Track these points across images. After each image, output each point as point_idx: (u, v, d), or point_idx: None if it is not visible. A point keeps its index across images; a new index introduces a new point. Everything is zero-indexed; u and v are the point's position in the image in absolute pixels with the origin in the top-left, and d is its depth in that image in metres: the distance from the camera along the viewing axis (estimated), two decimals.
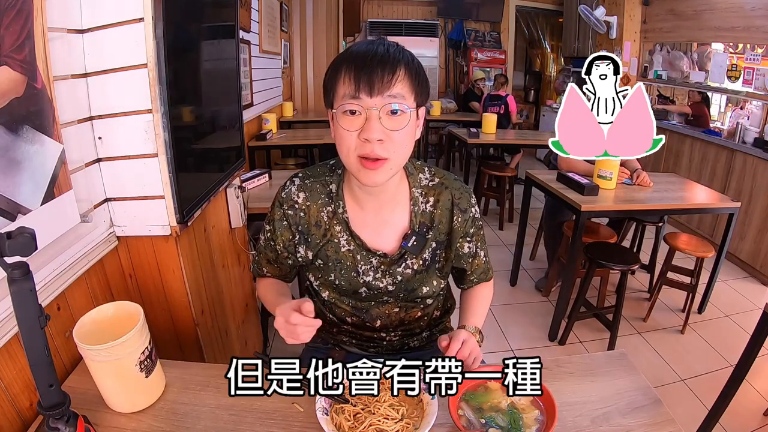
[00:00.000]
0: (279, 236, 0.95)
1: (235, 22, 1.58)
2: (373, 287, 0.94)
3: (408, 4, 6.14)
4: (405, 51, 0.79)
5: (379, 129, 0.74)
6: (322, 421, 0.74)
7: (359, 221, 0.91)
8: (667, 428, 0.76)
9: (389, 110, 0.75)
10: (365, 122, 0.75)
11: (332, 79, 0.78)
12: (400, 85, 0.75)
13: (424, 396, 0.80)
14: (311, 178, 0.93)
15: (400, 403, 0.78)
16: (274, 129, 3.63)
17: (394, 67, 0.74)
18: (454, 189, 0.93)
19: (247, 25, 3.13)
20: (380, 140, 0.75)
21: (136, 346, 0.74)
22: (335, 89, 0.78)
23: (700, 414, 1.66)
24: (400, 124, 0.76)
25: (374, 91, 0.73)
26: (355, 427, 0.75)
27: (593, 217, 2.43)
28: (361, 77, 0.73)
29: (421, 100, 0.80)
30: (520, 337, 2.40)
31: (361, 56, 0.75)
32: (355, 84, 0.74)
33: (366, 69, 0.73)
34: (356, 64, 0.74)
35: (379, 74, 0.73)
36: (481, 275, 1.03)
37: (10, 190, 0.72)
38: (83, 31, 0.94)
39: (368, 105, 0.74)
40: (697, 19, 4.02)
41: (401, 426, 0.75)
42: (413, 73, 0.77)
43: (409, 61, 0.77)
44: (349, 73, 0.75)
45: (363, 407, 0.78)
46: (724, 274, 2.84)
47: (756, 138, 3.30)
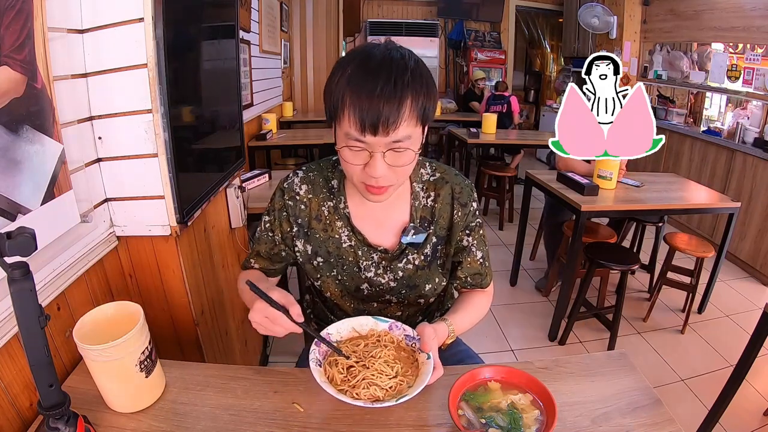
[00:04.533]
0: (278, 226, 0.94)
1: (235, 22, 1.58)
2: (375, 284, 0.94)
3: (408, 4, 6.14)
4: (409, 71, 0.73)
5: (383, 166, 0.75)
6: (315, 372, 0.74)
7: (360, 216, 0.92)
8: (667, 428, 0.76)
9: (394, 148, 0.75)
10: (370, 158, 0.75)
11: (334, 104, 0.75)
12: (405, 124, 0.73)
13: (419, 355, 0.80)
14: (314, 172, 0.94)
15: (396, 361, 0.78)
16: (274, 129, 3.63)
17: (400, 106, 0.71)
18: (454, 183, 0.94)
19: (247, 25, 3.13)
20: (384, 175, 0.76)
21: (136, 346, 0.74)
22: (338, 118, 0.75)
23: (700, 414, 1.66)
24: (405, 161, 0.77)
25: (378, 133, 0.72)
26: (347, 380, 0.75)
27: (593, 217, 2.43)
28: (365, 119, 0.71)
29: (427, 119, 0.78)
30: (520, 337, 2.40)
31: (366, 91, 0.71)
32: (360, 126, 0.72)
33: (371, 111, 0.70)
34: (360, 104, 0.71)
35: (384, 116, 0.70)
36: (475, 276, 0.99)
37: (10, 190, 0.72)
38: (83, 31, 0.94)
39: (372, 146, 0.74)
40: (697, 19, 4.02)
41: (395, 383, 0.75)
42: (420, 102, 0.74)
43: (417, 88, 0.73)
44: (353, 113, 0.72)
45: (357, 361, 0.78)
46: (724, 274, 2.84)
47: (756, 138, 3.30)
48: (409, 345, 0.84)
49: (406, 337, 0.85)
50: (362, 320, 0.87)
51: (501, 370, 0.78)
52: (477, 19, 6.23)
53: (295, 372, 0.88)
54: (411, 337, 0.84)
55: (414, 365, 0.80)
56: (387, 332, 0.86)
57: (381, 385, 0.74)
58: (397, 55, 0.74)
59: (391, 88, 0.70)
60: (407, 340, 0.85)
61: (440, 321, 0.88)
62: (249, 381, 0.85)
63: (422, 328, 0.81)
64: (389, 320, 0.87)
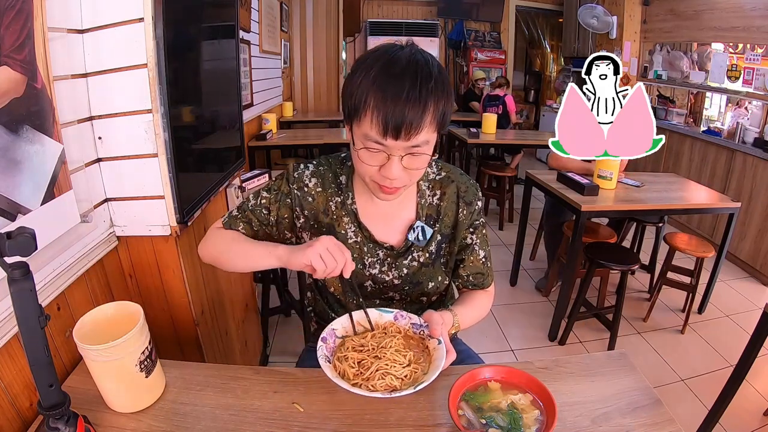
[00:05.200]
0: (277, 209, 0.93)
1: (235, 22, 1.58)
2: (378, 281, 0.95)
3: (408, 4, 6.14)
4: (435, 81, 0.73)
5: (400, 169, 0.76)
6: (326, 369, 0.72)
7: (367, 213, 0.93)
8: (667, 428, 0.76)
9: (412, 153, 0.76)
10: (386, 160, 0.76)
11: (356, 104, 0.75)
12: (426, 131, 0.74)
13: (429, 342, 0.80)
14: (324, 167, 0.94)
15: (406, 349, 0.79)
16: (274, 129, 3.63)
17: (424, 113, 0.72)
18: (460, 183, 0.95)
19: (247, 25, 3.13)
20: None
21: (136, 346, 0.74)
22: (358, 118, 0.75)
23: (700, 414, 1.66)
24: (421, 164, 0.79)
25: (400, 137, 0.73)
26: (360, 373, 0.74)
27: (593, 217, 2.43)
28: (389, 123, 0.71)
29: (445, 125, 0.78)
30: (520, 337, 2.40)
31: (391, 93, 0.71)
32: (382, 130, 0.72)
33: (395, 115, 0.71)
34: (385, 107, 0.71)
35: (408, 121, 0.71)
36: (477, 276, 1.00)
37: (10, 190, 0.72)
38: (83, 31, 0.94)
39: (391, 149, 0.75)
40: (697, 19, 4.02)
41: (409, 371, 0.74)
42: (440, 109, 0.75)
43: (440, 95, 0.74)
44: (376, 114, 0.72)
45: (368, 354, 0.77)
46: (724, 274, 2.84)
47: (756, 138, 3.30)
48: (417, 333, 0.84)
49: (412, 326, 0.85)
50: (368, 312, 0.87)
51: (501, 370, 0.78)
52: (477, 19, 6.23)
53: (295, 372, 0.88)
54: (418, 325, 0.85)
55: (425, 352, 0.80)
56: (392, 323, 0.86)
57: (396, 375, 0.74)
58: (421, 59, 0.75)
59: (416, 94, 0.71)
60: (414, 328, 0.85)
61: (446, 310, 0.88)
62: (249, 381, 0.85)
63: (429, 315, 0.82)
64: (393, 310, 0.87)
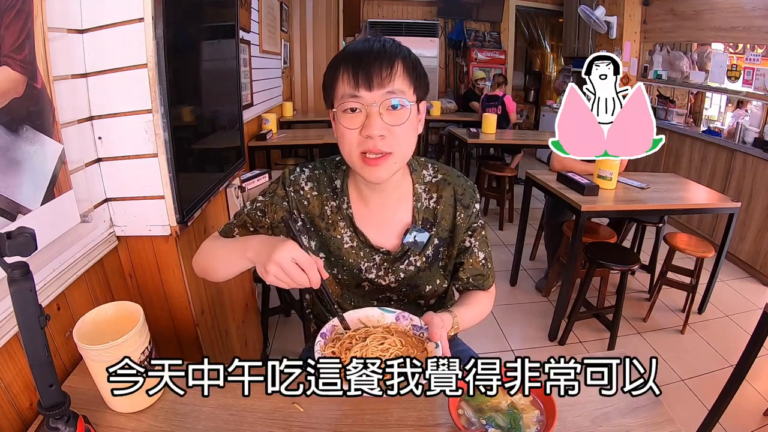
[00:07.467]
0: (273, 212, 0.92)
1: (235, 22, 1.58)
2: (376, 283, 0.94)
3: (408, 4, 6.14)
4: (401, 46, 0.80)
5: (381, 125, 0.75)
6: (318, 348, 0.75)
7: (363, 217, 0.92)
8: (667, 428, 0.76)
9: (389, 105, 0.76)
10: (366, 119, 0.76)
11: (331, 78, 0.79)
12: (399, 79, 0.76)
13: (428, 344, 0.80)
14: (319, 170, 0.94)
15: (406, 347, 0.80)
16: (274, 129, 3.63)
17: (392, 62, 0.75)
18: (457, 185, 0.94)
19: (247, 25, 3.13)
20: (382, 136, 0.76)
21: (136, 346, 0.74)
22: (335, 88, 0.79)
23: (700, 414, 1.66)
24: (401, 119, 0.77)
25: (373, 87, 0.74)
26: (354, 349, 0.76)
27: (593, 217, 2.43)
28: (359, 74, 0.74)
29: (420, 94, 0.81)
30: (520, 338, 2.40)
31: (358, 53, 0.76)
32: (354, 81, 0.75)
33: (364, 65, 0.74)
34: (353, 62, 0.75)
35: (377, 70, 0.74)
36: (477, 278, 0.99)
37: (10, 190, 0.72)
38: (83, 31, 0.94)
39: (368, 101, 0.75)
40: (697, 19, 4.02)
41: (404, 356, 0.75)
42: (411, 67, 0.78)
43: (406, 56, 0.78)
44: (347, 71, 0.76)
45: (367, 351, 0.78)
46: (724, 274, 2.83)
47: (756, 138, 3.30)
48: (417, 335, 0.84)
49: (413, 327, 0.85)
50: (369, 311, 0.87)
51: None
52: (477, 19, 6.23)
53: None
54: (418, 327, 0.85)
55: (423, 354, 0.80)
56: (395, 324, 0.86)
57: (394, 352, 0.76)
58: (389, 40, 0.80)
59: (384, 51, 0.76)
60: (414, 330, 0.85)
61: (445, 312, 0.88)
62: None
63: (429, 317, 0.81)
64: (396, 311, 0.87)
